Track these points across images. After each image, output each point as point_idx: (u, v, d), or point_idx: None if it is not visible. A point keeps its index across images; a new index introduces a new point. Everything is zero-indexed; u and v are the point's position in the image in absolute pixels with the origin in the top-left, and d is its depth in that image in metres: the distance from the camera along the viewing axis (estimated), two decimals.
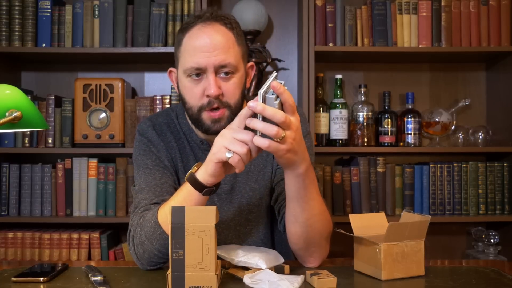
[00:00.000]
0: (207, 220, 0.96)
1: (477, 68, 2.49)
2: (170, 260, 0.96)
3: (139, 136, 1.37)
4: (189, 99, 1.25)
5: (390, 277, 1.07)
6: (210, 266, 0.96)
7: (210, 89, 1.20)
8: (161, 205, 1.17)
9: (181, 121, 1.38)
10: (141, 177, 1.30)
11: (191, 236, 0.96)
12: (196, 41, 1.21)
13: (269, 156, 1.38)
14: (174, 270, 0.96)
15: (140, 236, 1.18)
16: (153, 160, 1.32)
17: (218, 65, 1.21)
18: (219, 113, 1.23)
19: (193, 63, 1.21)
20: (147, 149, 1.34)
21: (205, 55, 1.20)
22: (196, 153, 1.35)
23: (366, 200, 2.26)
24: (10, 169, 2.23)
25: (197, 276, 0.96)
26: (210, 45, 1.20)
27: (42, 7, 2.23)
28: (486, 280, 1.09)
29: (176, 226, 0.96)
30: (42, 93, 2.41)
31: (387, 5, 2.24)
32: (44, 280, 1.07)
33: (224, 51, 1.21)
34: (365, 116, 2.31)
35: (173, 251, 0.95)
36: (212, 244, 0.96)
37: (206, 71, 1.21)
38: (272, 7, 2.47)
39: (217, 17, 1.24)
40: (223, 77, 1.23)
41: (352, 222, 1.16)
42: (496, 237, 2.26)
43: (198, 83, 1.23)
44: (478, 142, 2.35)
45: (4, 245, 2.19)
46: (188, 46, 1.23)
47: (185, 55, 1.23)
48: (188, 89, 1.24)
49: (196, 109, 1.24)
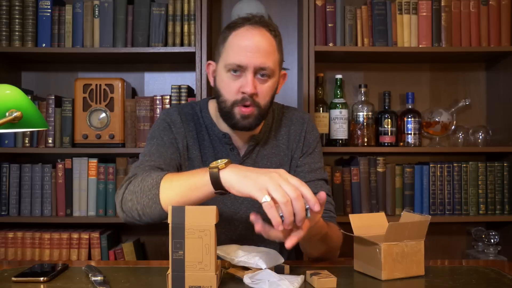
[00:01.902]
0: (207, 220, 0.96)
1: (477, 68, 2.49)
2: (170, 260, 0.96)
3: (163, 115, 1.43)
4: (225, 92, 1.33)
5: (390, 277, 1.07)
6: (210, 266, 0.96)
7: (247, 87, 1.29)
8: (171, 174, 1.18)
9: (204, 114, 1.44)
10: (153, 146, 1.35)
11: (191, 236, 0.95)
12: (242, 41, 1.30)
13: (287, 156, 1.46)
14: (174, 270, 0.95)
15: (137, 185, 1.18)
16: (170, 138, 1.38)
17: (258, 67, 1.29)
18: (250, 110, 1.31)
19: (236, 60, 1.29)
20: (167, 127, 1.40)
21: (248, 55, 1.28)
22: (216, 146, 1.41)
23: (366, 200, 2.26)
24: (10, 169, 2.23)
25: (197, 276, 0.96)
26: (254, 46, 1.29)
27: (42, 7, 2.23)
28: (486, 280, 1.09)
29: (176, 226, 0.95)
30: (42, 93, 2.41)
31: (387, 5, 2.24)
32: (44, 280, 1.07)
33: (265, 55, 1.30)
34: (365, 116, 2.31)
35: (173, 251, 0.95)
36: (212, 244, 0.96)
37: (246, 70, 1.29)
38: (272, 7, 2.47)
39: (264, 23, 1.34)
40: (260, 78, 1.31)
41: (352, 222, 1.16)
42: (496, 237, 2.26)
43: (237, 79, 1.31)
44: (478, 142, 2.35)
45: (4, 245, 2.19)
46: (233, 44, 1.31)
47: (228, 51, 1.31)
48: (225, 83, 1.32)
49: (229, 103, 1.32)
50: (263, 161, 1.44)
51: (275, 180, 0.98)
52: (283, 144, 1.47)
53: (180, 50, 2.20)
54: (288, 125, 1.49)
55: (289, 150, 1.46)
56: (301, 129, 1.48)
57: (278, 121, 1.48)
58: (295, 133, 1.47)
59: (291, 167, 1.46)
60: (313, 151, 1.48)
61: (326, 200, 1.38)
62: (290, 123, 1.49)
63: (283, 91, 2.45)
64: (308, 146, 1.47)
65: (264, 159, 1.44)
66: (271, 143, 1.46)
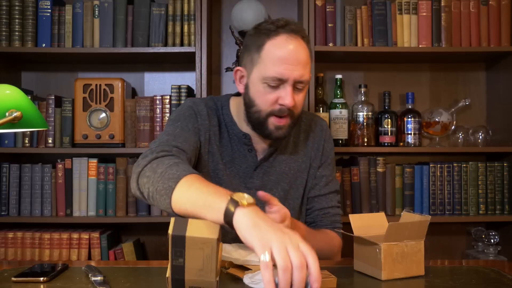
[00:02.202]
0: (209, 233, 0.91)
1: (477, 68, 2.49)
2: (170, 265, 0.93)
3: (190, 103, 1.39)
4: (261, 103, 1.30)
5: (390, 277, 1.07)
6: (211, 273, 0.93)
7: (287, 100, 1.26)
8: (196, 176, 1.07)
9: (225, 112, 1.42)
10: (177, 128, 1.31)
11: (192, 247, 0.91)
12: (281, 52, 1.26)
13: (305, 163, 1.45)
14: (174, 274, 0.94)
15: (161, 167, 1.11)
16: (194, 126, 1.35)
17: (298, 80, 1.27)
18: (285, 120, 1.30)
19: (276, 73, 1.26)
20: (193, 115, 1.37)
21: (289, 67, 1.26)
22: (234, 145, 1.40)
23: (366, 200, 2.26)
24: (10, 169, 2.23)
25: (197, 281, 0.95)
26: (295, 59, 1.26)
27: (42, 7, 2.23)
28: (486, 280, 1.09)
29: (177, 236, 0.90)
30: (42, 93, 2.41)
31: (387, 5, 2.24)
32: (44, 280, 1.07)
33: (304, 67, 1.28)
34: (365, 116, 2.31)
35: (173, 258, 0.91)
36: (213, 254, 0.91)
37: (285, 82, 1.26)
38: (272, 7, 2.47)
39: (299, 30, 1.30)
40: (297, 89, 1.29)
41: (352, 222, 1.16)
42: (496, 237, 2.25)
43: (274, 90, 1.28)
44: (478, 142, 2.34)
45: (4, 245, 2.19)
46: (271, 54, 1.27)
47: (266, 62, 1.27)
48: (261, 93, 1.29)
49: (264, 114, 1.30)
50: (280, 165, 1.43)
51: (282, 241, 0.86)
52: (301, 151, 1.46)
53: (180, 50, 2.20)
54: (306, 130, 1.48)
55: (307, 157, 1.46)
56: (320, 137, 1.47)
57: (297, 126, 1.46)
58: (314, 141, 1.47)
59: (309, 175, 1.45)
60: (331, 161, 1.48)
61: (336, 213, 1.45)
62: (309, 129, 1.48)
63: None
64: (327, 156, 1.47)
65: (282, 164, 1.43)
66: (290, 148, 1.45)
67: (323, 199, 1.44)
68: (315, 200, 1.45)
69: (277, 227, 0.90)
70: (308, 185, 1.45)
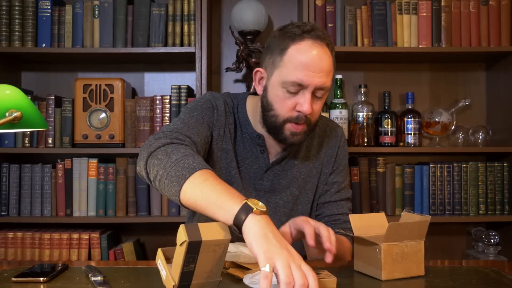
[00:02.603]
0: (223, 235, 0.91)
1: (477, 68, 2.49)
2: (179, 272, 0.92)
3: (210, 96, 1.37)
4: (279, 108, 1.28)
5: (390, 277, 1.07)
6: (217, 275, 0.95)
7: (305, 106, 1.24)
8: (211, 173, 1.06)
9: (240, 110, 1.40)
10: (192, 118, 1.29)
11: (206, 250, 0.90)
12: (305, 57, 1.23)
13: (316, 168, 1.43)
14: (181, 281, 0.92)
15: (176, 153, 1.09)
16: (210, 120, 1.33)
17: (318, 87, 1.24)
18: (302, 127, 1.28)
19: (297, 79, 1.23)
20: (211, 109, 1.35)
21: (311, 74, 1.23)
22: (247, 145, 1.38)
23: (366, 200, 2.26)
24: (10, 169, 2.23)
25: (202, 284, 0.94)
26: (318, 66, 1.23)
27: (42, 7, 2.23)
28: (486, 280, 1.09)
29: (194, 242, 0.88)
30: (42, 93, 2.41)
31: (387, 5, 2.24)
32: (44, 280, 1.07)
33: (326, 75, 1.25)
34: (365, 116, 2.31)
35: (185, 264, 0.90)
36: (224, 256, 0.93)
37: (305, 89, 1.24)
38: (272, 7, 2.47)
39: (324, 37, 1.27)
40: (316, 96, 1.27)
41: (352, 222, 1.16)
42: (496, 237, 2.25)
43: (293, 96, 1.26)
44: (478, 142, 2.34)
45: (4, 245, 2.19)
46: (294, 59, 1.24)
47: (288, 66, 1.25)
48: (280, 98, 1.27)
49: (282, 119, 1.28)
50: (292, 170, 1.41)
51: (287, 259, 0.87)
52: (313, 156, 1.43)
53: (180, 50, 2.20)
54: (321, 136, 1.45)
55: (319, 163, 1.43)
56: (334, 143, 1.45)
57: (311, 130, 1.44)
58: (328, 147, 1.44)
59: (320, 181, 1.43)
60: (343, 168, 1.46)
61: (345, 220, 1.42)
62: (324, 134, 1.46)
63: None
64: (339, 163, 1.45)
65: (294, 168, 1.41)
66: (302, 153, 1.42)
67: (334, 206, 1.42)
68: (325, 206, 1.43)
69: (284, 244, 0.91)
70: (318, 191, 1.43)
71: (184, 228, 0.88)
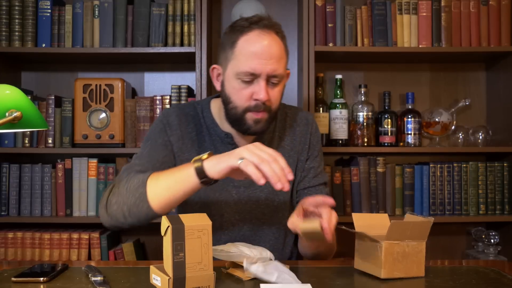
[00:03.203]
0: (203, 220, 0.99)
1: (477, 68, 2.49)
2: (171, 263, 0.95)
3: (161, 116, 1.43)
4: (236, 99, 1.31)
5: (389, 275, 1.07)
6: (209, 266, 0.97)
7: (261, 94, 1.27)
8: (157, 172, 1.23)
9: (206, 115, 1.43)
10: (146, 148, 1.37)
11: (190, 236, 0.96)
12: (254, 47, 1.27)
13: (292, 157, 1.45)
14: (175, 274, 0.95)
15: (122, 187, 1.23)
16: (164, 140, 1.38)
17: (271, 74, 1.28)
18: (262, 114, 1.31)
19: (249, 68, 1.26)
20: (163, 129, 1.39)
21: (262, 62, 1.26)
22: (217, 146, 1.40)
23: (366, 200, 2.26)
24: (10, 169, 2.23)
25: (196, 277, 0.96)
26: (267, 53, 1.27)
27: (42, 7, 2.23)
28: (486, 280, 1.09)
29: (177, 227, 0.96)
30: (42, 93, 2.41)
31: (387, 5, 2.24)
32: (44, 280, 1.07)
33: (277, 61, 1.28)
34: (365, 116, 2.31)
35: (174, 253, 0.95)
36: (210, 243, 0.98)
37: (258, 77, 1.27)
38: (272, 7, 2.47)
39: (272, 26, 1.31)
40: (271, 84, 1.30)
41: (354, 220, 1.17)
42: (496, 237, 2.26)
43: (248, 86, 1.29)
44: (478, 142, 2.35)
45: (4, 245, 2.19)
46: (244, 50, 1.28)
47: (239, 58, 1.28)
48: (237, 89, 1.30)
49: (241, 110, 1.31)
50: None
51: (250, 149, 1.08)
52: (287, 146, 1.46)
53: (180, 50, 2.20)
54: (292, 125, 1.48)
55: (294, 152, 1.46)
56: (306, 130, 1.47)
57: (282, 121, 1.47)
58: (301, 135, 1.47)
59: (297, 169, 1.45)
60: (318, 154, 1.48)
61: None
62: (295, 123, 1.48)
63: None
64: (314, 149, 1.47)
65: None
66: (275, 144, 1.45)
67: (313, 190, 1.44)
68: (304, 192, 1.45)
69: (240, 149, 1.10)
70: (296, 179, 1.45)
71: (166, 218, 0.98)
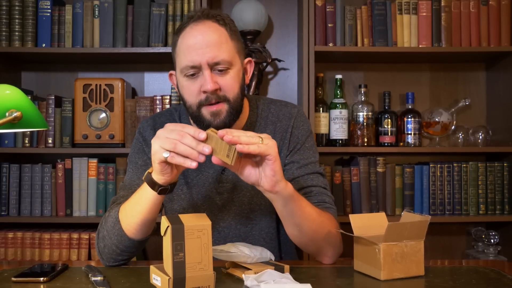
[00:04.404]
0: (202, 220, 0.99)
1: (477, 68, 2.49)
2: (171, 263, 0.95)
3: (138, 134, 1.41)
4: (188, 97, 1.26)
5: (389, 277, 1.07)
6: (209, 266, 0.97)
7: (206, 84, 1.21)
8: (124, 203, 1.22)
9: (184, 121, 1.39)
10: (128, 174, 1.37)
11: (190, 236, 0.96)
12: (189, 40, 1.23)
13: None
14: (175, 274, 0.95)
15: (103, 230, 1.25)
16: (144, 160, 1.37)
17: (212, 62, 1.22)
18: (218, 106, 1.24)
19: (188, 61, 1.22)
20: (141, 148, 1.38)
21: (198, 52, 1.21)
22: None
23: (366, 200, 2.26)
24: (10, 169, 2.23)
25: (196, 277, 0.96)
26: (202, 42, 1.22)
27: (42, 7, 2.23)
28: (486, 280, 1.09)
29: (176, 227, 0.96)
30: (42, 93, 2.41)
31: (387, 5, 2.24)
32: (44, 280, 1.07)
33: (217, 47, 1.22)
34: (365, 116, 2.31)
35: (174, 253, 0.95)
36: (209, 242, 0.98)
37: (201, 68, 1.22)
38: (272, 7, 2.47)
39: (209, 15, 1.26)
40: (219, 72, 1.23)
41: (352, 222, 1.16)
42: (496, 237, 2.25)
43: (195, 80, 1.24)
44: (478, 142, 2.35)
45: (4, 245, 2.19)
46: (182, 46, 1.25)
47: (180, 55, 1.25)
48: (185, 87, 1.26)
49: (195, 107, 1.25)
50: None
51: (160, 136, 1.05)
52: None
53: None
54: (274, 122, 1.39)
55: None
56: (287, 125, 1.38)
57: (264, 118, 1.39)
58: (281, 131, 1.38)
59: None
60: (301, 147, 1.38)
61: (321, 192, 1.34)
62: (277, 120, 1.40)
63: (283, 91, 2.46)
64: (296, 142, 1.38)
65: None
66: None
67: (301, 180, 1.33)
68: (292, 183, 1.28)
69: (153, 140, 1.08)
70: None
71: (166, 218, 0.97)
